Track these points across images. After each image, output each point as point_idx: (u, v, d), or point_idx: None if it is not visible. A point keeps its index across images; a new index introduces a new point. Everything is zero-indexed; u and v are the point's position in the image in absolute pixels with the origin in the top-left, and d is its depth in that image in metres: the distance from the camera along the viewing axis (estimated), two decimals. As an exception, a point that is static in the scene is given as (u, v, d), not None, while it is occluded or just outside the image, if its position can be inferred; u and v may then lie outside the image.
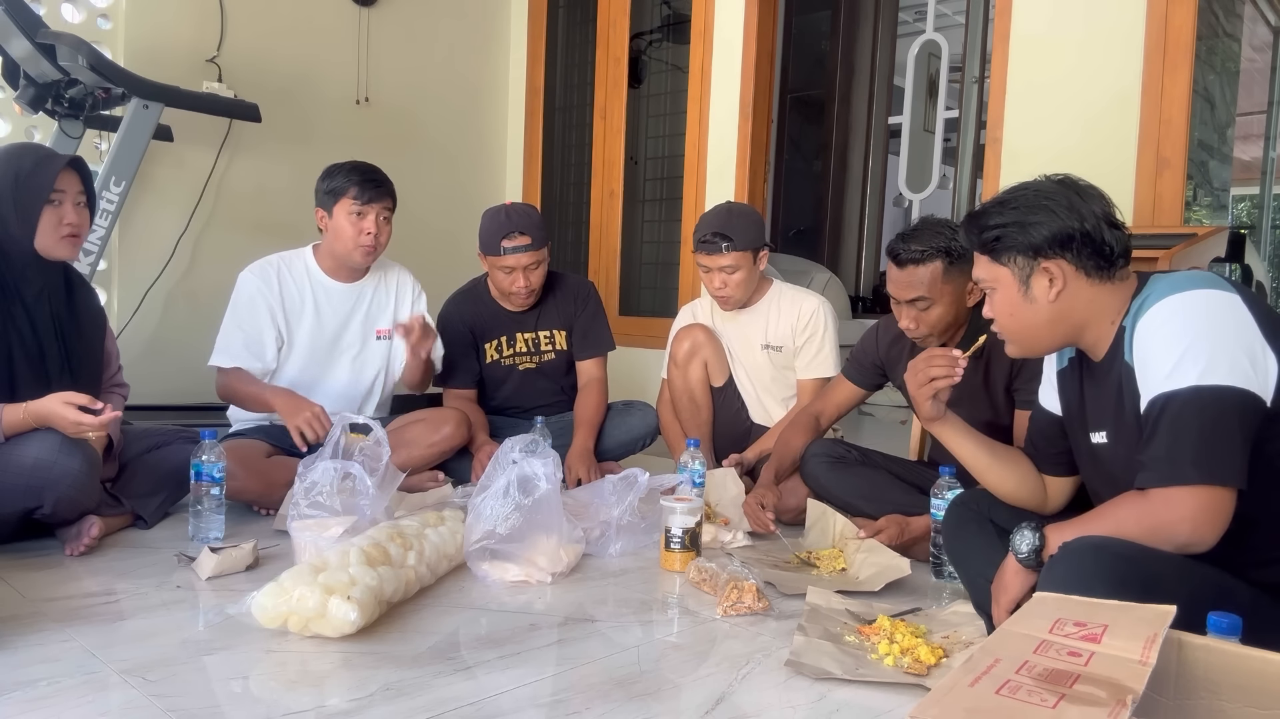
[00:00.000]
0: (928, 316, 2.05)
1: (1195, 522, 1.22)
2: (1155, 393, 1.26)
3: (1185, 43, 2.60)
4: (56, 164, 2.02)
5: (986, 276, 1.46)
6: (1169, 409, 1.24)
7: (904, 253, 2.03)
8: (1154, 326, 1.29)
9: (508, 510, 1.89)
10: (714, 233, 2.56)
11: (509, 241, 2.65)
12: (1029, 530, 1.40)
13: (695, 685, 1.44)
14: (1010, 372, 2.07)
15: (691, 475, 2.33)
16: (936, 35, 5.20)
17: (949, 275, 2.02)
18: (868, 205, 6.28)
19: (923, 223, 2.09)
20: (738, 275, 2.59)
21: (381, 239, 2.56)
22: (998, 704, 0.79)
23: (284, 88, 3.69)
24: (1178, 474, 1.23)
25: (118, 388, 2.30)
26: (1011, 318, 1.45)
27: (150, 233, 3.39)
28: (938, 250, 2.00)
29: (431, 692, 1.37)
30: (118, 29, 3.29)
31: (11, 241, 2.00)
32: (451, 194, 4.33)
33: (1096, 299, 1.38)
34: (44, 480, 1.86)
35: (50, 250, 2.03)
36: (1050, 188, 1.40)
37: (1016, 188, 1.44)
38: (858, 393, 2.43)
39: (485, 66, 4.49)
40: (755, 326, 2.72)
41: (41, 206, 1.99)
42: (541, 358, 2.87)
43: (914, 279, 2.03)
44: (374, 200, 2.52)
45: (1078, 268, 1.37)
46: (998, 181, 2.93)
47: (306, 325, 2.56)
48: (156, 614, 1.65)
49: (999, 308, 1.46)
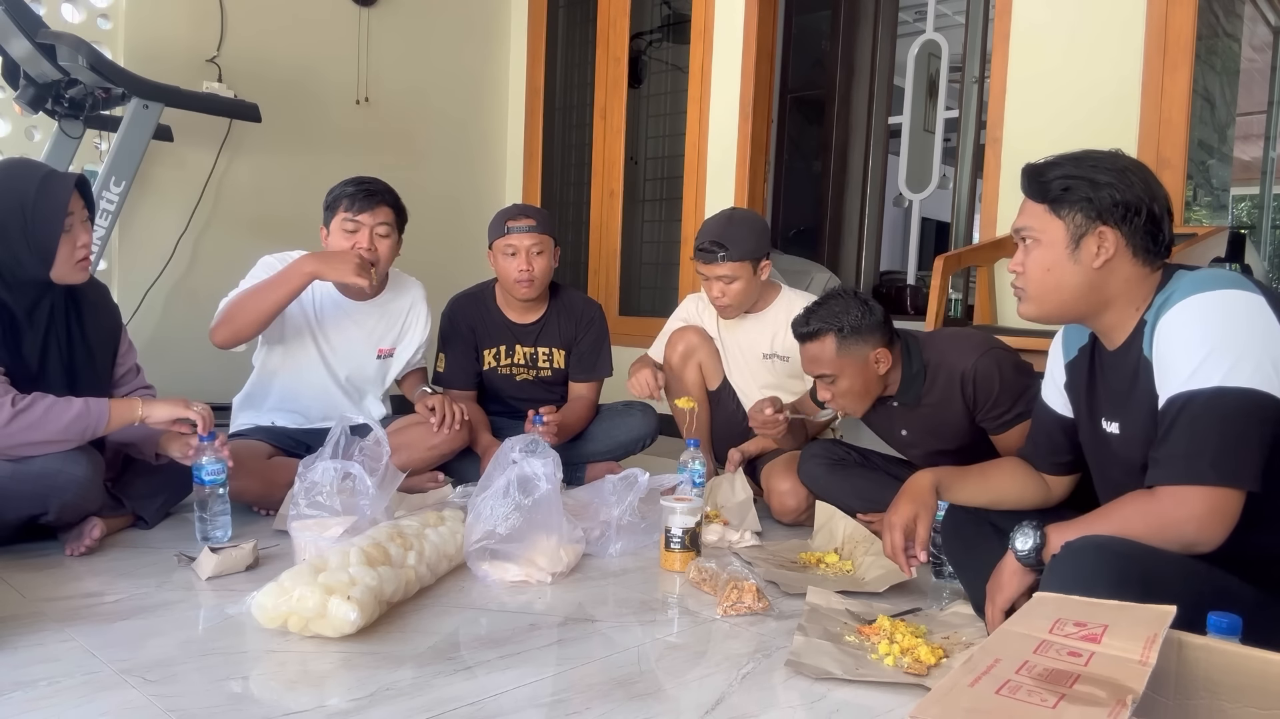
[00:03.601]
0: (838, 389, 2.09)
1: (1203, 521, 1.21)
2: (1175, 391, 1.25)
3: (1185, 42, 2.61)
4: (65, 191, 1.92)
5: (1035, 226, 1.40)
6: (1189, 409, 1.23)
7: (798, 329, 2.11)
8: (1178, 325, 1.27)
9: (508, 510, 1.89)
10: (711, 241, 2.54)
11: (514, 222, 2.67)
12: (1029, 529, 1.39)
13: (695, 685, 1.44)
14: (966, 407, 2.06)
15: (691, 475, 2.33)
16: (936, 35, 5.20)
17: (844, 349, 2.05)
18: (868, 205, 6.28)
19: (823, 298, 2.13)
20: (736, 285, 2.56)
21: (380, 254, 2.45)
22: (998, 704, 0.79)
23: (284, 88, 3.69)
24: (1194, 474, 1.22)
25: (144, 389, 2.26)
26: (1047, 273, 1.39)
27: (150, 233, 3.39)
28: (828, 329, 2.05)
29: (431, 692, 1.37)
30: (118, 29, 3.29)
31: (22, 270, 1.92)
32: (451, 194, 4.33)
33: (1132, 281, 1.36)
34: (49, 487, 1.86)
35: (65, 278, 1.98)
36: (1127, 159, 1.38)
37: (1092, 150, 1.39)
38: None
39: (485, 66, 4.49)
40: (759, 335, 2.69)
41: (59, 237, 1.92)
42: (538, 372, 2.86)
43: (811, 355, 2.10)
44: (365, 210, 2.41)
45: (1129, 243, 1.34)
46: (998, 181, 2.93)
47: (308, 329, 2.53)
48: (156, 614, 1.65)
49: (1035, 261, 1.40)
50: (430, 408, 2.56)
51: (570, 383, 2.89)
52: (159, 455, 2.15)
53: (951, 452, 2.14)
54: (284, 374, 2.55)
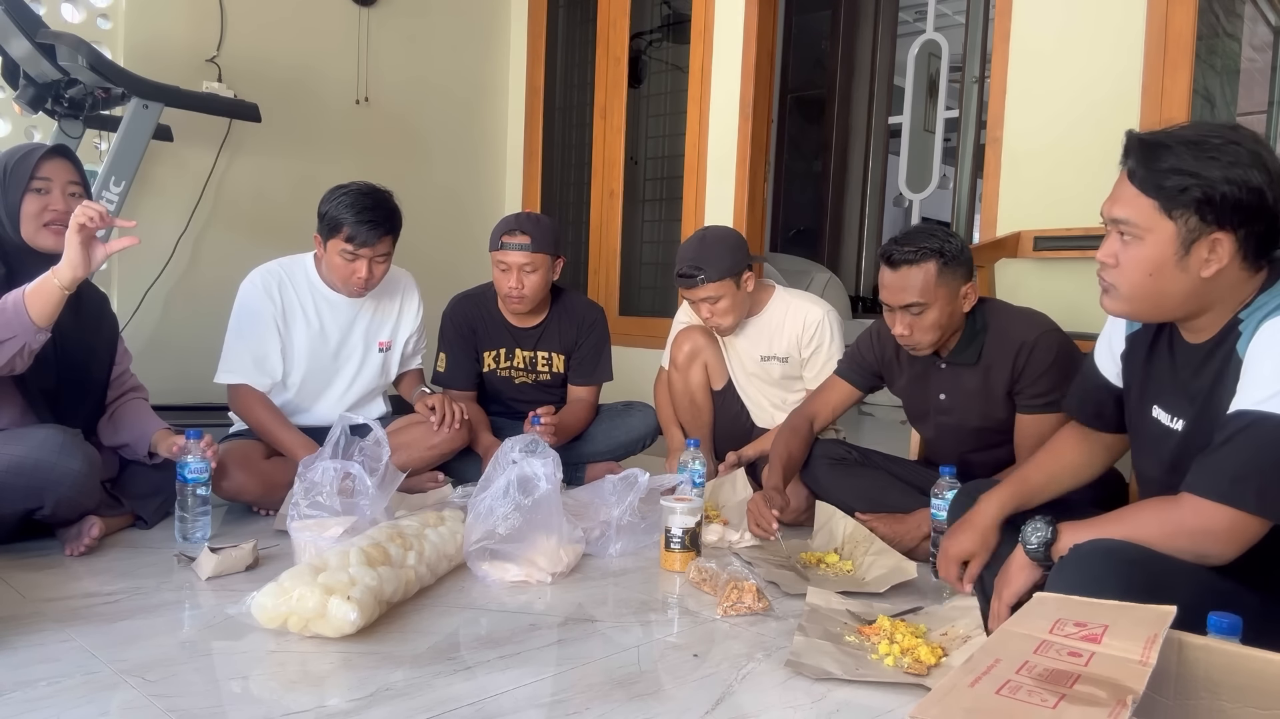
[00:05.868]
0: (921, 322, 2.03)
1: (1221, 539, 1.19)
2: (1247, 407, 1.18)
3: (1185, 43, 2.60)
4: (38, 152, 2.00)
5: (1140, 222, 1.25)
6: (1255, 430, 1.17)
7: (897, 254, 2.01)
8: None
9: (508, 510, 1.89)
10: (690, 266, 2.51)
11: (509, 238, 2.65)
12: (1041, 523, 1.35)
13: (695, 685, 1.44)
14: (1012, 375, 2.06)
15: (691, 475, 2.33)
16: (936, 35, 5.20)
17: (943, 278, 2.00)
18: (868, 205, 6.29)
19: (916, 228, 2.09)
20: (722, 304, 2.54)
21: (375, 278, 2.48)
22: (998, 704, 0.79)
23: (284, 88, 3.69)
24: (1235, 497, 1.17)
25: (135, 390, 2.29)
26: (1150, 278, 1.25)
27: (150, 233, 3.38)
28: (931, 251, 1.99)
29: (431, 692, 1.37)
30: (118, 29, 3.29)
31: (6, 237, 1.99)
32: (451, 194, 4.33)
33: (1236, 286, 1.25)
34: (45, 481, 1.86)
35: (33, 239, 2.00)
36: (1252, 142, 1.20)
37: (1212, 130, 1.23)
38: (853, 393, 2.38)
39: (485, 66, 4.49)
40: (757, 338, 2.67)
41: (22, 194, 1.97)
42: (538, 376, 2.86)
43: (907, 282, 2.00)
44: (368, 245, 2.40)
45: (1242, 249, 1.22)
46: (998, 181, 2.93)
47: (308, 337, 2.52)
48: (156, 614, 1.65)
49: (1135, 261, 1.26)
50: (430, 407, 2.56)
51: (569, 386, 2.89)
52: (152, 454, 2.16)
53: (976, 429, 2.14)
54: (285, 386, 2.54)
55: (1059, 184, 2.78)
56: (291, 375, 2.53)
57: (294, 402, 2.56)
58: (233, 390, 2.47)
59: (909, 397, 2.29)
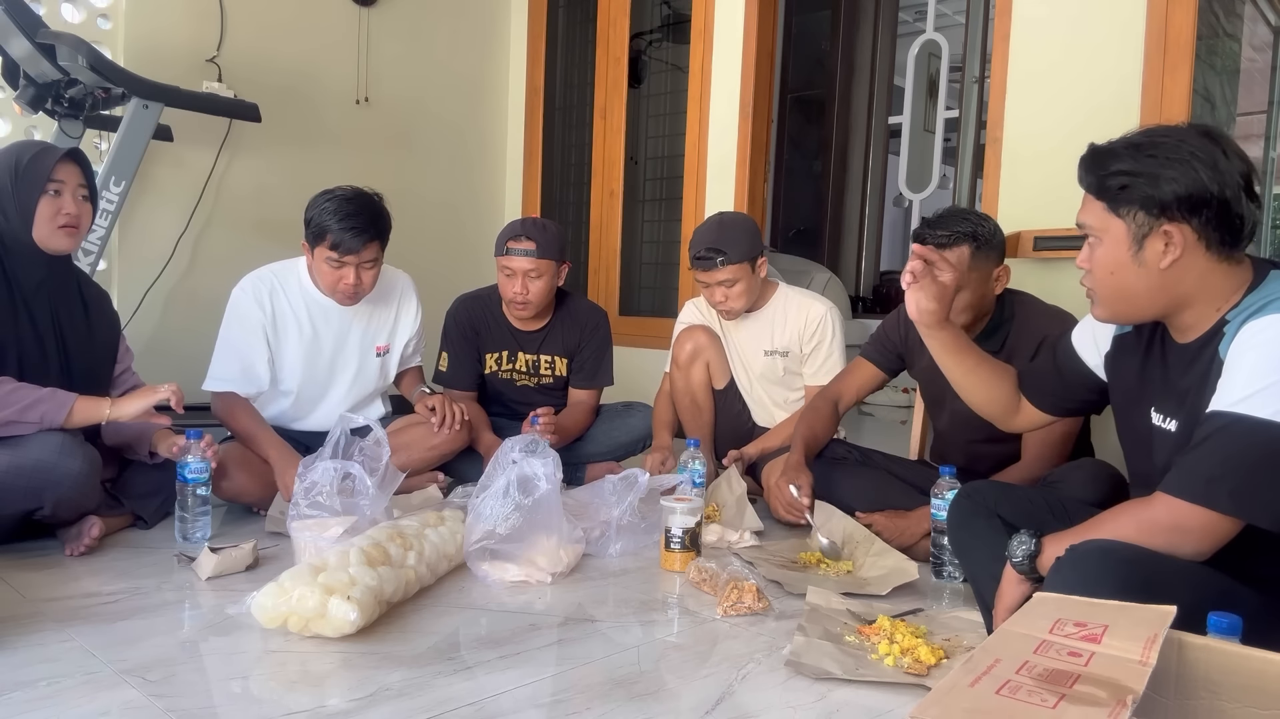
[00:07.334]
0: (955, 304, 2.03)
1: (1196, 540, 1.20)
2: (1222, 408, 1.19)
3: (1185, 43, 2.60)
4: (54, 154, 2.02)
5: (1095, 225, 1.31)
6: (1229, 431, 1.18)
7: (930, 237, 2.02)
8: (1258, 340, 1.19)
9: (508, 510, 1.89)
10: (708, 248, 2.53)
11: (515, 243, 2.64)
12: (1026, 536, 1.37)
13: (695, 685, 1.44)
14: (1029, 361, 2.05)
15: (691, 475, 2.33)
16: (936, 35, 5.20)
17: (975, 261, 2.02)
18: (868, 205, 6.28)
19: (949, 210, 2.09)
20: (737, 287, 2.57)
21: (364, 285, 2.42)
22: (998, 704, 0.79)
23: (284, 88, 3.68)
24: (1209, 498, 1.18)
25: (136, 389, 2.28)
26: (1111, 276, 1.30)
27: (150, 233, 3.39)
28: (965, 235, 2.01)
29: (431, 692, 1.37)
30: (118, 29, 3.29)
31: (12, 235, 1.99)
32: (451, 194, 4.33)
33: (1208, 277, 1.26)
34: (45, 481, 1.86)
35: (47, 241, 2.01)
36: (1194, 140, 1.23)
37: (1154, 131, 1.27)
38: (878, 375, 2.40)
39: (485, 66, 4.49)
40: (759, 332, 2.69)
41: (38, 197, 1.99)
42: (540, 379, 2.86)
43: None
44: (353, 251, 2.35)
45: (1200, 237, 1.23)
46: (998, 181, 2.93)
47: (302, 345, 2.49)
48: (156, 614, 1.65)
49: (1100, 262, 1.31)
50: (430, 408, 2.56)
51: (570, 389, 2.89)
52: (153, 454, 2.16)
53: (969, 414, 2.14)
54: (282, 393, 2.53)
55: (1059, 184, 2.76)
56: (287, 383, 2.51)
57: (293, 408, 2.55)
58: (216, 397, 2.42)
59: (928, 379, 2.29)
